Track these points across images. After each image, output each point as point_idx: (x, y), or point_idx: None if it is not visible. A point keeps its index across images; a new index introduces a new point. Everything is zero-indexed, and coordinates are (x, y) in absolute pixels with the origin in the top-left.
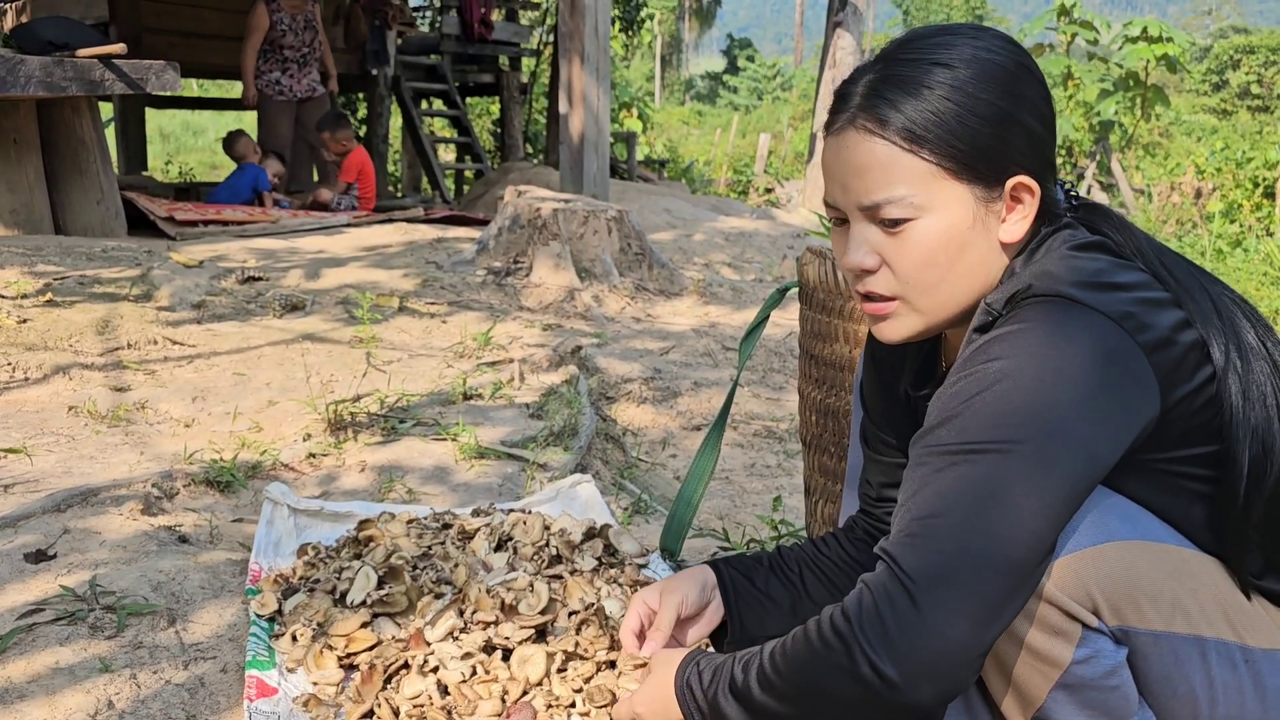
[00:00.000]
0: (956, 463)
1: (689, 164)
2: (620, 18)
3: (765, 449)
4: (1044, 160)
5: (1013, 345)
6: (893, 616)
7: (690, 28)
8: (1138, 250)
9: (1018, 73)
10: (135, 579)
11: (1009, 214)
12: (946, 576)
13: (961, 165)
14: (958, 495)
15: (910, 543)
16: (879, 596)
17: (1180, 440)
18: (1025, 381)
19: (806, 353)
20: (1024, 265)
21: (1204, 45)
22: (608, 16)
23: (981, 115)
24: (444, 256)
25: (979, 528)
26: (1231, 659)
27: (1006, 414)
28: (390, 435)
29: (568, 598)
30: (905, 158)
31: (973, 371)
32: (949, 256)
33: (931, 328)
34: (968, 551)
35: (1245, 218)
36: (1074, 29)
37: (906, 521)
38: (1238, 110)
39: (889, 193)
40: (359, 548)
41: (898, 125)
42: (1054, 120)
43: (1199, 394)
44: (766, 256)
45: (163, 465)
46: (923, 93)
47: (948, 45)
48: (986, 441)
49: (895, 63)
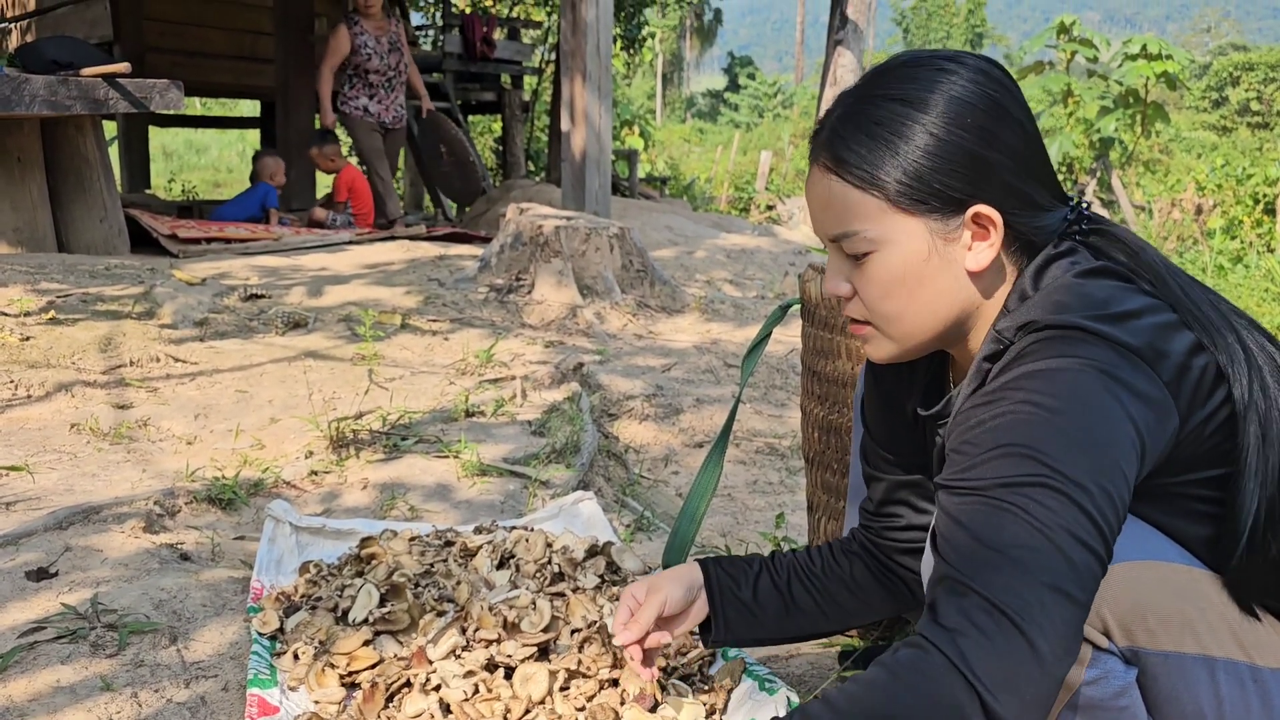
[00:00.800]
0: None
1: (690, 181)
2: (622, 36)
3: (768, 466)
4: (1011, 191)
5: (1038, 381)
6: (1009, 656)
7: (691, 46)
8: (1153, 275)
9: (983, 108)
10: (137, 597)
11: (974, 243)
12: (1048, 610)
13: (914, 201)
14: (1027, 531)
15: (1000, 577)
16: (985, 636)
17: (1192, 463)
18: (1057, 417)
19: (809, 369)
20: (1032, 288)
21: (1203, 62)
22: (609, 35)
23: (936, 153)
24: (446, 274)
25: (1057, 559)
26: (1240, 678)
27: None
28: (392, 452)
29: (570, 615)
30: (859, 195)
31: (1008, 410)
32: (908, 288)
33: (908, 351)
34: (1056, 583)
35: (1246, 234)
36: (1073, 47)
37: (981, 552)
38: (1238, 127)
39: (846, 228)
40: (361, 565)
41: (851, 165)
42: (1032, 151)
43: (1213, 418)
44: (768, 273)
45: (165, 483)
46: (878, 132)
47: (916, 80)
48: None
49: (859, 100)
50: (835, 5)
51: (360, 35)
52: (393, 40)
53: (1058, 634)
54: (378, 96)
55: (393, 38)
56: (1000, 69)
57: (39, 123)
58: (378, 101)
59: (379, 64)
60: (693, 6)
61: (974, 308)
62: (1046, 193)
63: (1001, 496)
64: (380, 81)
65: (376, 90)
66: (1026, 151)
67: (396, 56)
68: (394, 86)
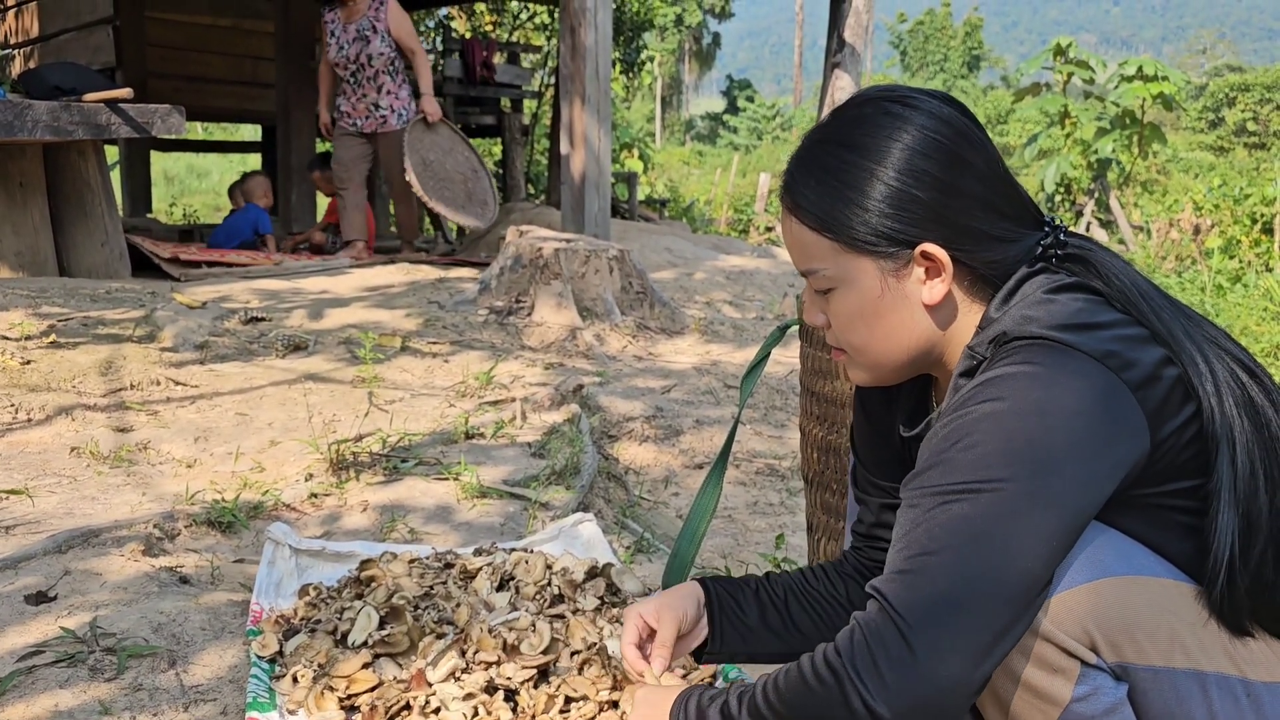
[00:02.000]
0: (948, 502)
1: (690, 203)
2: (621, 60)
3: (768, 487)
4: (961, 229)
5: (1000, 388)
6: (884, 654)
7: (690, 69)
8: (1125, 295)
9: (934, 155)
10: (136, 620)
11: (928, 279)
12: (938, 614)
13: (862, 243)
14: (949, 534)
15: (901, 580)
16: (870, 634)
17: (1169, 475)
18: (1014, 422)
19: (808, 390)
20: (1001, 309)
21: (1199, 83)
22: (608, 59)
23: (880, 197)
24: (446, 296)
25: (971, 565)
26: (1233, 693)
27: (997, 454)
28: (392, 475)
29: (570, 638)
30: (814, 236)
31: (963, 415)
32: (867, 322)
33: (882, 377)
34: (959, 589)
35: (1244, 253)
36: (1070, 68)
37: (898, 560)
38: (1234, 147)
39: (809, 265)
40: (361, 588)
41: (805, 208)
42: (986, 188)
43: (1186, 429)
44: (768, 294)
45: (164, 506)
46: (825, 178)
47: (867, 125)
48: (978, 481)
49: (814, 143)
50: (832, 29)
51: (331, 23)
52: (361, 29)
53: (945, 638)
54: (345, 93)
55: (363, 25)
56: (956, 106)
57: (41, 148)
58: (348, 99)
59: (338, 55)
60: (691, 30)
61: (939, 336)
62: (1011, 223)
63: (932, 504)
64: (345, 75)
65: (344, 86)
66: (983, 189)
67: (360, 46)
68: (360, 82)
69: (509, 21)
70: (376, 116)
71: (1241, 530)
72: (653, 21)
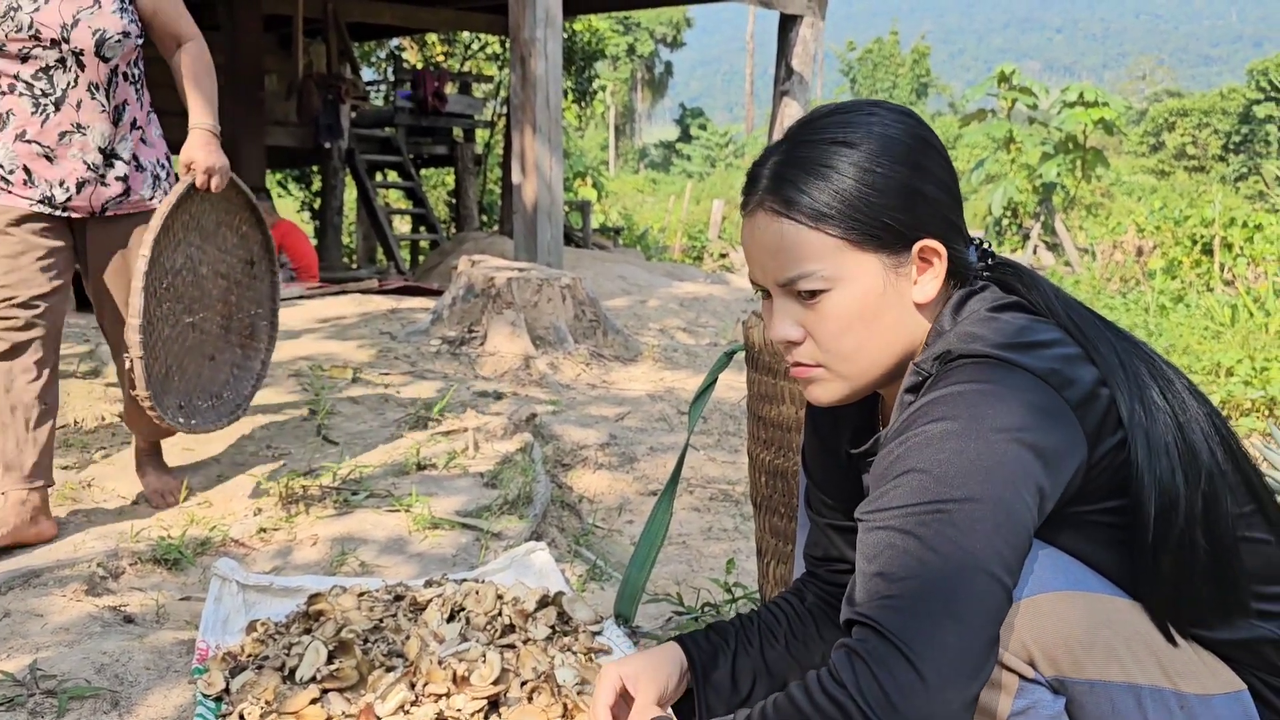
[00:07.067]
0: (915, 523)
1: (644, 231)
2: (573, 89)
3: (722, 512)
4: (948, 224)
5: (949, 406)
6: (893, 682)
7: (643, 98)
8: (1048, 307)
9: (916, 145)
10: (78, 661)
11: (920, 276)
12: (937, 636)
13: (866, 236)
14: (925, 556)
15: (891, 604)
16: (875, 662)
17: (1107, 492)
18: (966, 441)
19: (754, 415)
20: (950, 325)
21: (1140, 109)
22: (559, 88)
23: (881, 188)
24: (399, 327)
25: (952, 583)
26: (1167, 705)
27: (954, 473)
28: (343, 508)
29: (520, 667)
30: (812, 235)
31: (915, 434)
32: (865, 322)
33: (858, 390)
34: (948, 608)
35: (1186, 274)
36: (1014, 94)
37: (878, 584)
38: (1175, 170)
39: (801, 268)
40: (309, 623)
41: (802, 205)
42: (955, 186)
43: (1121, 448)
44: (721, 321)
45: (109, 544)
46: (824, 171)
47: (847, 124)
48: (940, 501)
49: (798, 144)
50: (780, 57)
51: None
52: None
53: (946, 658)
54: (15, 114)
55: None
56: (915, 114)
57: None
58: (19, 135)
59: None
60: (644, 59)
61: (920, 339)
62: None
63: (901, 525)
64: (17, 79)
65: (8, 104)
66: (953, 185)
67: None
68: (56, 93)
69: (461, 52)
70: (95, 177)
71: (1161, 510)
72: (604, 51)
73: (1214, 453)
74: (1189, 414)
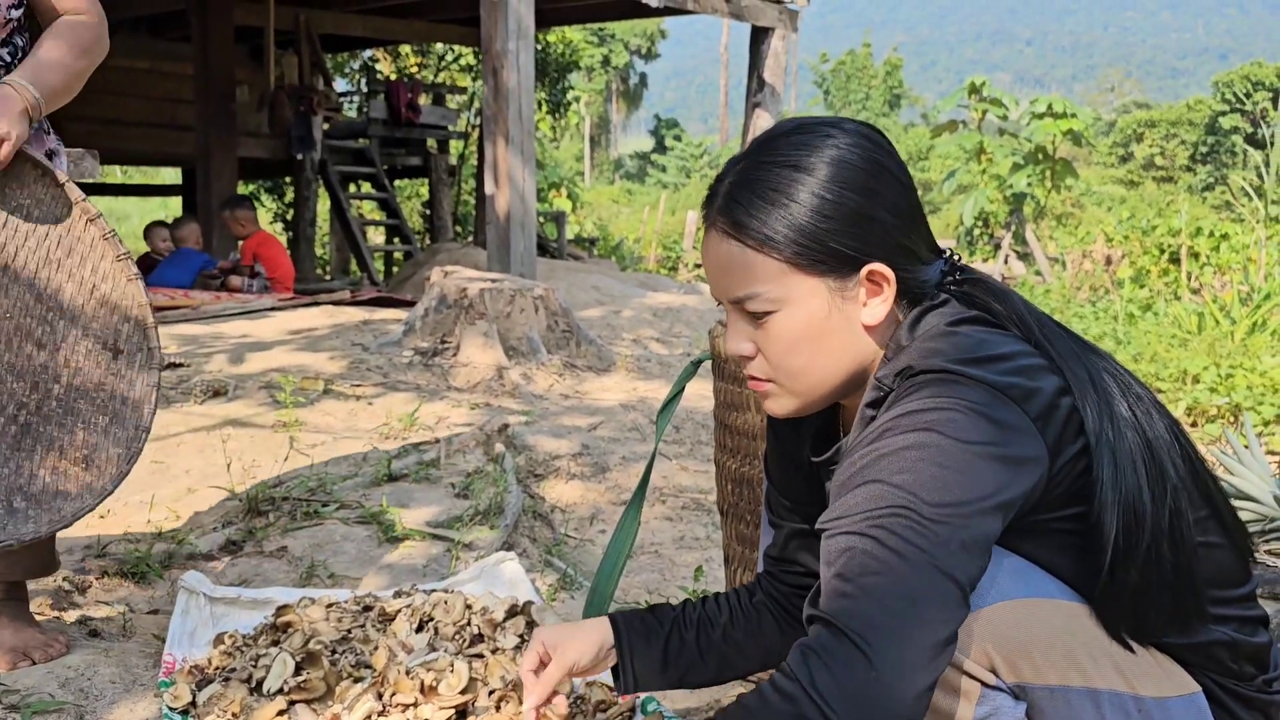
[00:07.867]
0: (875, 528)
1: (619, 242)
2: (547, 100)
3: (694, 521)
4: (898, 248)
5: (911, 420)
6: (849, 674)
7: (618, 109)
8: (1018, 320)
9: (870, 169)
10: (41, 676)
11: (869, 299)
12: (892, 630)
13: (812, 261)
14: (884, 556)
15: (849, 602)
16: (830, 657)
17: (1067, 500)
18: (927, 453)
19: (721, 423)
20: (908, 340)
21: (1109, 120)
22: (531, 100)
23: (831, 214)
24: (371, 338)
25: (909, 583)
26: (1124, 708)
27: (915, 483)
28: (313, 520)
29: (489, 676)
30: (759, 258)
31: (876, 448)
32: (810, 344)
33: (811, 405)
34: (905, 605)
35: (1154, 282)
36: (984, 106)
37: (838, 584)
38: (1144, 181)
39: (748, 289)
40: (277, 634)
41: (751, 229)
42: (910, 208)
43: (1084, 455)
44: (695, 331)
45: (75, 558)
46: (774, 196)
47: (803, 146)
48: (899, 508)
49: (753, 165)
50: (752, 69)
51: None
52: None
53: (898, 649)
54: None
55: None
56: (878, 132)
57: None
58: None
59: None
60: (618, 71)
61: (870, 359)
62: (925, 246)
63: (861, 529)
64: None
65: None
66: (908, 208)
67: None
68: None
69: (434, 63)
70: None
71: (1126, 525)
72: (579, 62)
73: (1177, 466)
74: (1155, 430)
